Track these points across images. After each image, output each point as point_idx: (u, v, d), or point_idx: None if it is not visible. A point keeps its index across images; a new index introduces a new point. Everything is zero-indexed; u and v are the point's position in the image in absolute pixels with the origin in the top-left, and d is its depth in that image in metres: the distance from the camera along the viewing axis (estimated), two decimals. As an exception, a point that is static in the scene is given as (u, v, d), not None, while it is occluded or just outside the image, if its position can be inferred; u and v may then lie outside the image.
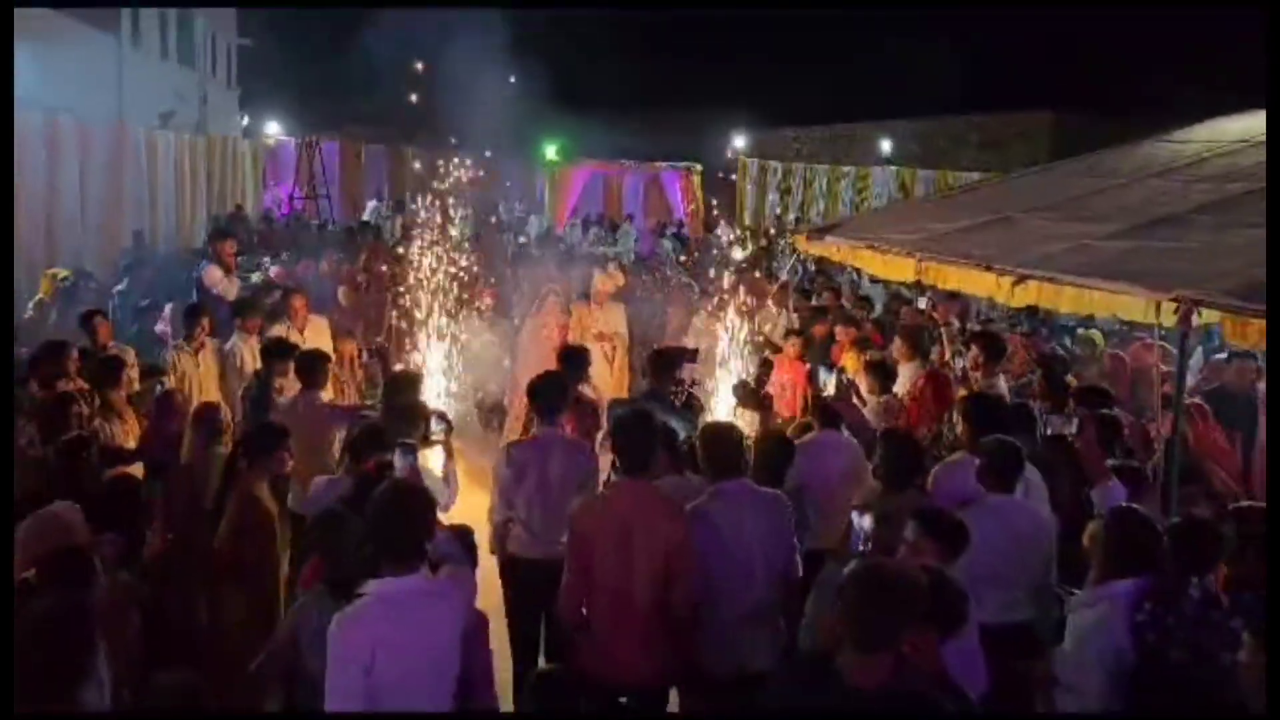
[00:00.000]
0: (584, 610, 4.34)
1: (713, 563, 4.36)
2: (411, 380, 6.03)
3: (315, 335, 8.44)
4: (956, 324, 9.76)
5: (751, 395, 6.66)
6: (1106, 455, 5.44)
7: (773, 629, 4.51)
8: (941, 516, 4.00)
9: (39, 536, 3.87)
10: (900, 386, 7.36)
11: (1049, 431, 5.17)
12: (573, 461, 5.24)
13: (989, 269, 6.53)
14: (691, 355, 7.05)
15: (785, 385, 7.42)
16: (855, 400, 6.37)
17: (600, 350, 9.36)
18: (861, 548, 4.26)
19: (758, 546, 4.43)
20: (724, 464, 4.53)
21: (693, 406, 6.22)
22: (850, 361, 7.78)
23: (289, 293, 9.20)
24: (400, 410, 5.46)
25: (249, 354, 7.91)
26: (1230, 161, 7.64)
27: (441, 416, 5.55)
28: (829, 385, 6.17)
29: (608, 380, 9.29)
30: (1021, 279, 6.16)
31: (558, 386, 5.49)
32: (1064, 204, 7.74)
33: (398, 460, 4.16)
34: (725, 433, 4.72)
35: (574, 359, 6.59)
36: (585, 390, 6.52)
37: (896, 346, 7.84)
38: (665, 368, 6.52)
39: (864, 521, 4.21)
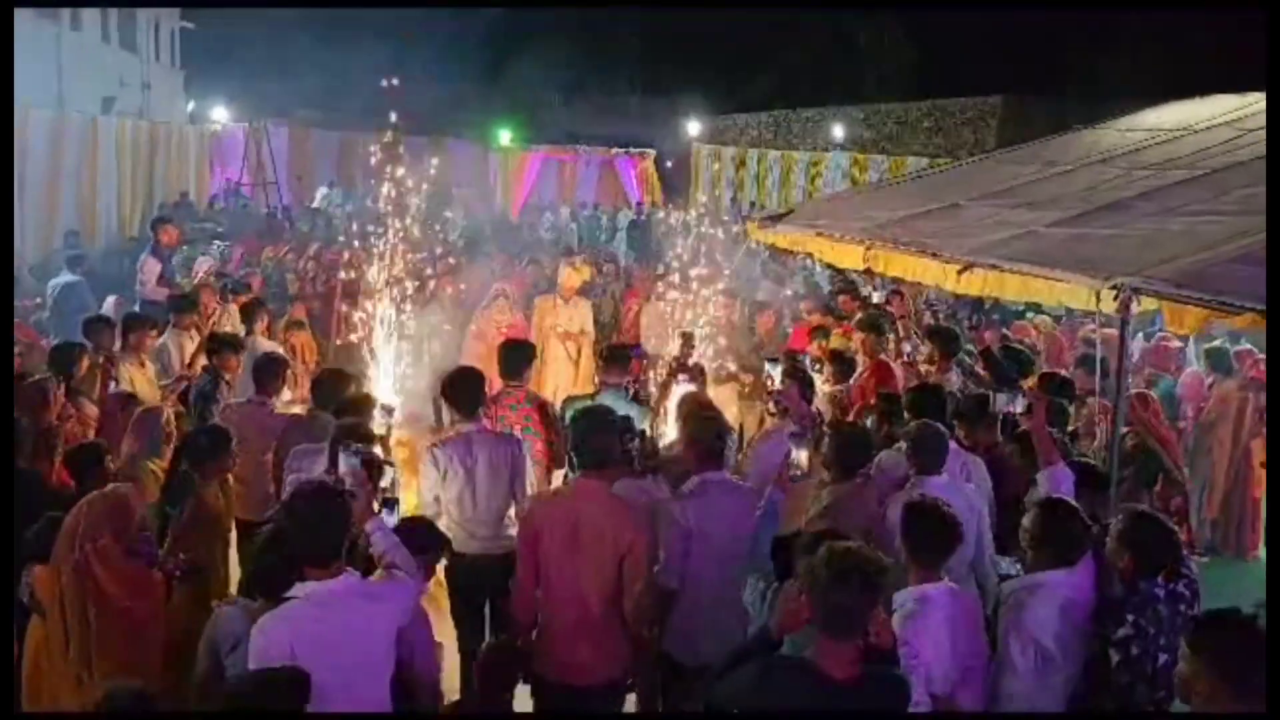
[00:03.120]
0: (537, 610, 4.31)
1: (693, 552, 4.42)
2: (344, 378, 5.95)
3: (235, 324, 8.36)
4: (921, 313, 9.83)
5: (686, 368, 6.87)
6: (1056, 438, 5.47)
7: (740, 618, 4.55)
8: (932, 511, 3.89)
9: (112, 514, 4.09)
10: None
11: (993, 409, 5.20)
12: (500, 454, 5.19)
13: (935, 256, 6.60)
14: (637, 350, 7.07)
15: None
16: (797, 394, 6.36)
17: (565, 349, 9.09)
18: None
19: (734, 537, 4.45)
20: (713, 456, 4.62)
21: (639, 399, 6.22)
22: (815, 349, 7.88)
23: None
24: (344, 408, 5.37)
25: (177, 351, 7.71)
26: (1170, 149, 7.78)
27: (387, 410, 5.48)
28: (774, 379, 6.19)
29: (573, 381, 8.94)
30: (967, 266, 6.24)
31: (472, 381, 5.40)
32: (1010, 191, 7.84)
33: (342, 463, 3.95)
34: (710, 423, 4.80)
35: (514, 354, 6.21)
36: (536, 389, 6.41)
37: (859, 340, 7.83)
38: (619, 361, 6.46)
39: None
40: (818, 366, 7.50)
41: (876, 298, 9.60)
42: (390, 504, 4.07)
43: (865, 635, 3.10)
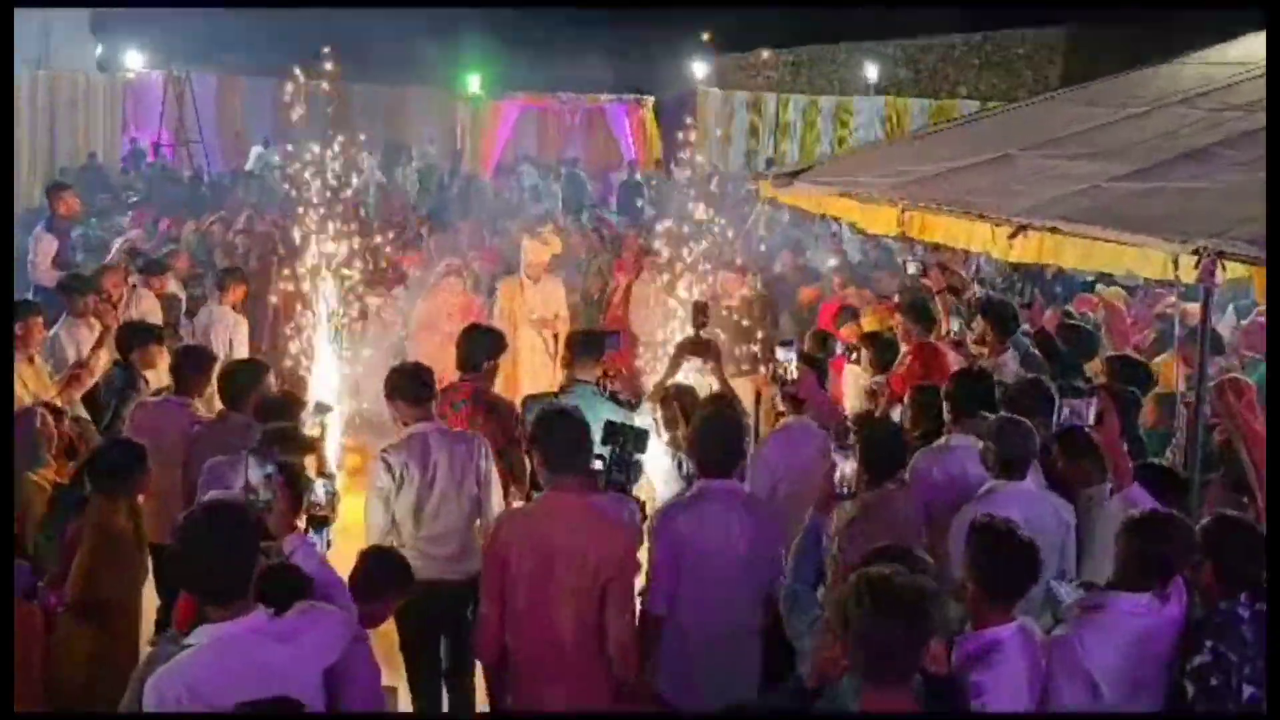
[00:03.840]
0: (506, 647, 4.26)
1: (686, 574, 4.35)
2: (257, 370, 5.93)
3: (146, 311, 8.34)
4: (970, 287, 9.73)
5: (700, 345, 6.83)
6: (1130, 450, 5.38)
7: (749, 656, 4.51)
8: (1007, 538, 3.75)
9: None
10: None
11: (1061, 419, 5.13)
12: (462, 455, 5.19)
13: (982, 218, 6.54)
14: (613, 338, 7.00)
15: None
16: (814, 384, 6.29)
17: (541, 339, 9.03)
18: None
19: (742, 559, 4.42)
20: (719, 459, 4.53)
21: (617, 399, 6.15)
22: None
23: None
24: (268, 409, 5.34)
25: (71, 344, 7.62)
26: (1264, 86, 7.70)
27: (323, 408, 5.45)
28: (790, 366, 6.14)
29: (550, 375, 8.76)
30: (1019, 229, 6.18)
31: (413, 376, 5.41)
32: (1072, 138, 7.77)
33: (253, 473, 3.78)
34: (727, 422, 4.71)
35: (473, 342, 6.19)
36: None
37: (900, 326, 7.78)
38: (591, 352, 6.34)
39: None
40: (854, 355, 7.44)
41: (911, 269, 9.47)
42: (320, 523, 4.03)
43: (922, 672, 3.04)
